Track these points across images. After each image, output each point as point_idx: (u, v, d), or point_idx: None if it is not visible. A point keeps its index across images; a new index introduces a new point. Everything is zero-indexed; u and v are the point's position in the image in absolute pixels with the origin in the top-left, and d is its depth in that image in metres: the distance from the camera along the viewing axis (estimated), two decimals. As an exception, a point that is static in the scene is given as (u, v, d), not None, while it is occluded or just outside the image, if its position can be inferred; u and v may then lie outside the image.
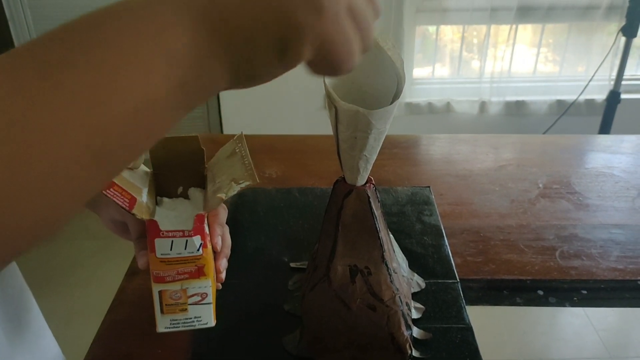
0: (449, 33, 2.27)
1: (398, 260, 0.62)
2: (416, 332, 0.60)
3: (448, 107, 2.29)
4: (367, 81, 0.53)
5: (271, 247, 0.75)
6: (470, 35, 2.22)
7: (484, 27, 2.17)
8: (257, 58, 0.27)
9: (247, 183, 0.47)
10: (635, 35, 1.96)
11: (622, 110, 2.14)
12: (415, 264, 0.71)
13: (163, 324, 0.49)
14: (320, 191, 0.87)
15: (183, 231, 0.47)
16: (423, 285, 0.67)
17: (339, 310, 0.56)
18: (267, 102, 2.28)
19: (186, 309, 0.49)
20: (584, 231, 0.79)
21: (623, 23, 1.96)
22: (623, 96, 2.11)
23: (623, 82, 2.08)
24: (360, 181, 0.54)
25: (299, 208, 0.83)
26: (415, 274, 0.68)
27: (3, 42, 2.31)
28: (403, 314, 0.56)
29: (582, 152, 1.03)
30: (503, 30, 2.20)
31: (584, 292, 0.68)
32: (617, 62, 2.06)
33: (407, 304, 0.59)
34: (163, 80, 0.24)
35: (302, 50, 0.27)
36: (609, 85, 2.15)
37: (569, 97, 2.23)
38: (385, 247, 0.56)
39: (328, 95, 0.48)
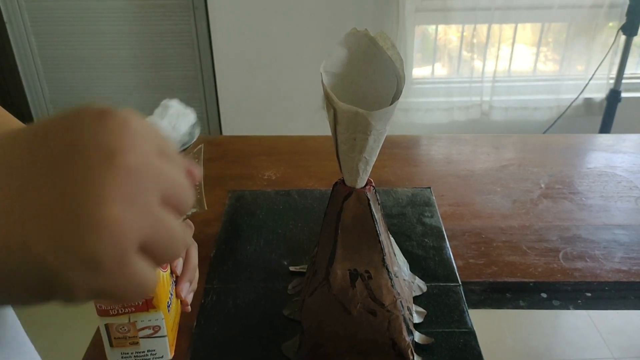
0: (449, 33, 2.26)
1: (399, 263, 0.61)
2: (418, 337, 0.59)
3: (448, 107, 2.28)
4: (366, 81, 0.52)
5: (270, 250, 0.73)
6: (470, 35, 2.21)
7: (483, 27, 2.16)
8: (14, 302, 0.24)
9: (194, 210, 0.44)
10: (635, 34, 1.95)
11: (623, 109, 2.13)
12: (416, 266, 0.69)
13: (114, 357, 0.47)
14: (319, 193, 0.86)
15: None
16: (424, 288, 0.66)
17: (339, 315, 0.55)
18: (266, 103, 2.27)
19: (137, 342, 0.46)
20: (587, 232, 0.78)
21: (623, 21, 1.95)
22: (623, 95, 2.10)
23: (623, 81, 2.07)
24: (360, 183, 0.53)
25: (299, 210, 0.82)
26: (417, 277, 0.67)
27: (1, 45, 2.30)
28: (404, 319, 0.55)
29: (583, 151, 1.02)
30: (503, 29, 2.19)
31: (588, 294, 0.67)
32: (618, 60, 2.05)
33: (409, 309, 0.58)
34: None
35: (75, 300, 0.24)
36: (609, 84, 2.14)
37: (569, 96, 2.22)
38: (386, 250, 0.55)
39: (327, 96, 0.47)
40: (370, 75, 0.51)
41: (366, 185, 0.54)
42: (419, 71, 2.32)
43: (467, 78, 2.26)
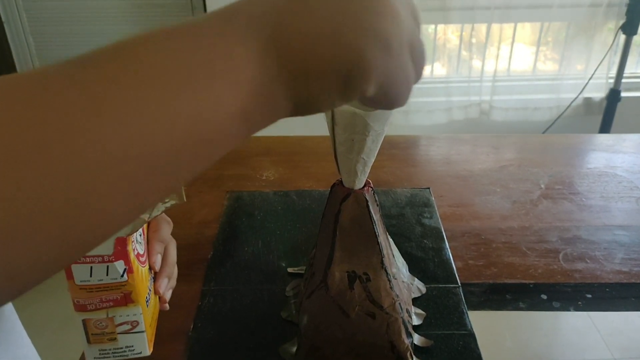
0: (448, 32, 2.26)
1: (398, 265, 0.60)
2: (417, 339, 0.58)
3: (447, 107, 2.27)
4: None
5: (268, 251, 0.73)
6: (469, 35, 2.20)
7: (483, 26, 2.16)
8: (321, 92, 0.26)
9: (173, 202, 0.44)
10: (635, 33, 1.94)
11: (623, 109, 2.12)
12: (415, 268, 0.69)
13: (91, 355, 0.46)
14: (318, 194, 0.86)
15: (102, 256, 0.43)
16: (424, 290, 0.65)
17: (337, 318, 0.54)
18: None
19: (115, 339, 0.46)
20: (588, 233, 0.77)
21: (623, 21, 1.95)
22: (623, 94, 2.09)
23: (623, 80, 2.07)
24: (358, 184, 0.52)
25: (297, 211, 0.81)
26: (416, 279, 0.67)
27: (-2, 45, 2.30)
28: (403, 321, 0.55)
29: (583, 151, 1.01)
30: (502, 29, 2.18)
31: (589, 296, 0.67)
32: (617, 60, 2.05)
33: (408, 311, 0.58)
34: (225, 105, 0.23)
35: (366, 87, 0.27)
36: (609, 83, 2.14)
37: (569, 95, 2.21)
38: (385, 252, 0.54)
39: None
40: None
41: (364, 186, 0.53)
42: (418, 71, 2.31)
43: (467, 78, 2.25)
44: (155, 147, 0.21)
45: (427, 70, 2.31)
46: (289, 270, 0.69)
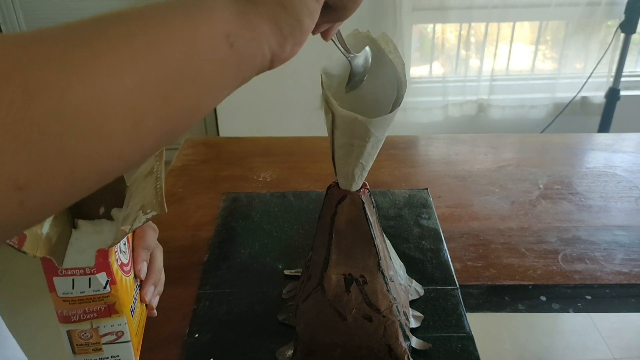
0: (446, 31, 2.25)
1: (395, 267, 0.59)
2: (415, 342, 0.57)
3: (445, 106, 2.26)
4: (366, 84, 0.51)
5: (265, 253, 0.72)
6: (468, 34, 2.19)
7: (481, 25, 2.15)
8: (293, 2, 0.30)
9: (154, 213, 0.44)
10: (634, 32, 1.94)
11: (622, 108, 2.12)
12: (413, 269, 0.68)
13: None
14: (315, 195, 0.85)
15: (84, 268, 0.42)
16: (421, 292, 0.65)
17: (333, 321, 0.54)
18: (263, 103, 2.26)
19: (100, 349, 0.45)
20: (587, 233, 0.77)
21: (622, 19, 1.94)
22: (622, 93, 2.09)
23: (622, 79, 2.06)
24: (355, 188, 0.52)
25: (294, 213, 0.81)
26: (414, 281, 0.66)
27: (-5, 46, 2.29)
28: (401, 324, 0.54)
29: (582, 151, 1.01)
30: (500, 27, 2.18)
31: (588, 297, 0.66)
32: (616, 58, 2.04)
33: (405, 313, 0.57)
34: (208, 30, 0.27)
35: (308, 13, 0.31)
36: (608, 82, 2.13)
37: (568, 94, 2.21)
38: (381, 254, 0.53)
39: (325, 100, 0.46)
40: (371, 78, 0.50)
41: (361, 188, 0.52)
42: (417, 70, 2.31)
43: (465, 77, 2.25)
44: (160, 73, 0.25)
45: (426, 70, 2.31)
46: (286, 272, 0.68)
